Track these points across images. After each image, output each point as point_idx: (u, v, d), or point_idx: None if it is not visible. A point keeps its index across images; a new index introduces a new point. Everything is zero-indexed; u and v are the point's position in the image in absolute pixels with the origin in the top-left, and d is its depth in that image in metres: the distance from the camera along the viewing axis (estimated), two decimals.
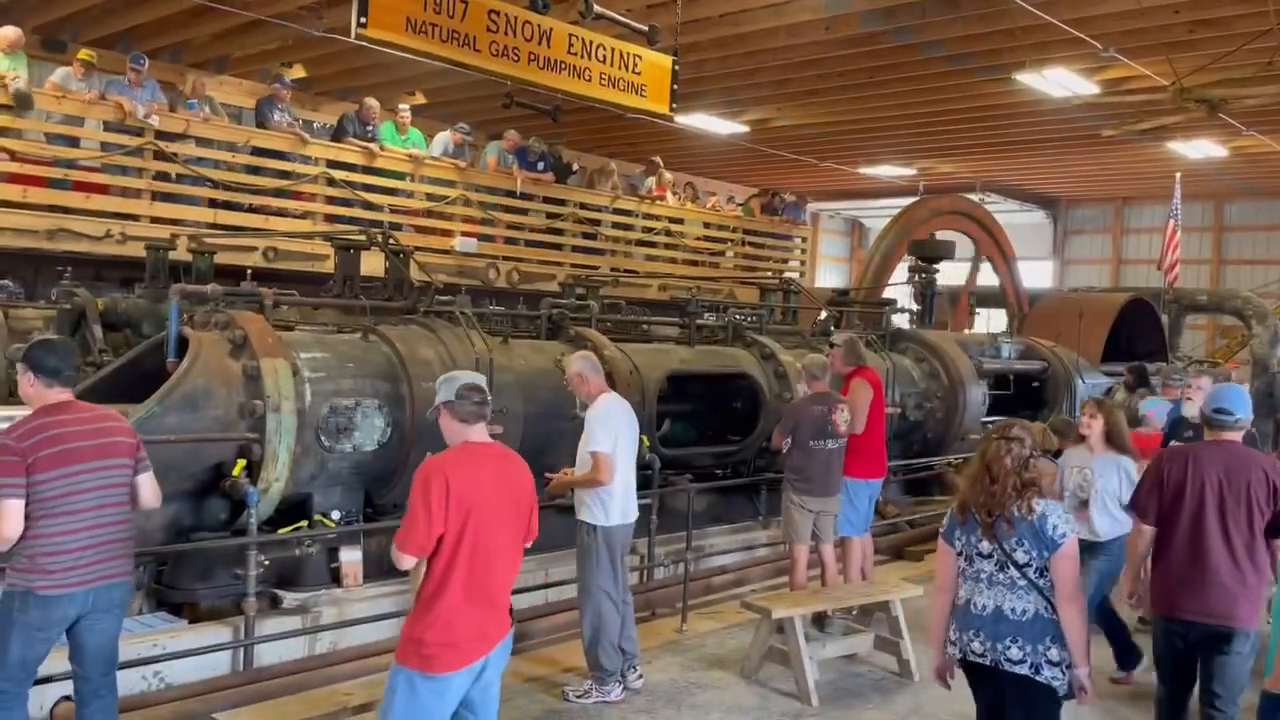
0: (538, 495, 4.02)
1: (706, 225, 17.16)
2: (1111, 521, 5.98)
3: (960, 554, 3.94)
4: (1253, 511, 4.39)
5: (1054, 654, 3.73)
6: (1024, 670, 3.72)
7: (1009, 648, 3.75)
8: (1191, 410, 6.56)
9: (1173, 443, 6.45)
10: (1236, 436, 4.59)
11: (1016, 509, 3.75)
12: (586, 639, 5.78)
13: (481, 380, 3.96)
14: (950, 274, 15.38)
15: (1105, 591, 6.21)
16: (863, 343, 8.31)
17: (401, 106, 13.16)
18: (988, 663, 3.80)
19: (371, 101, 12.60)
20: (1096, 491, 6.00)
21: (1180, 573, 4.48)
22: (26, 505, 3.83)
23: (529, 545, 3.98)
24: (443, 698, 3.60)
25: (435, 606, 3.61)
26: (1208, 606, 4.40)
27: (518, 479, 3.87)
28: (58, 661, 4.26)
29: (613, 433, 5.69)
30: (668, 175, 16.85)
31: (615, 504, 5.74)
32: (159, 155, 10.69)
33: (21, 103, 9.82)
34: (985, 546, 3.83)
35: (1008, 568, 3.78)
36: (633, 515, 5.88)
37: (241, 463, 5.90)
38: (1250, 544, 4.40)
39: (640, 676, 5.89)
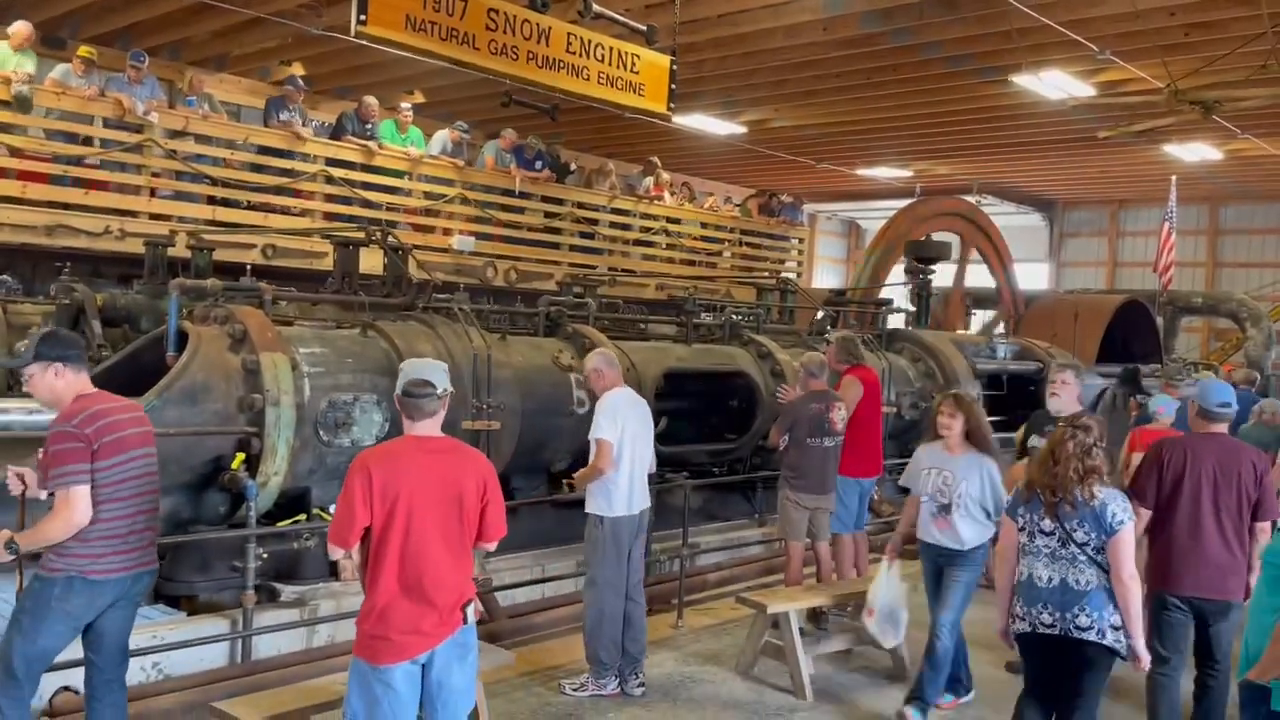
0: (498, 490, 3.86)
1: (704, 225, 17.21)
2: (977, 528, 5.47)
3: (1022, 529, 4.31)
4: (1241, 497, 4.91)
5: (1116, 620, 4.12)
6: (1092, 636, 4.10)
7: (1077, 615, 4.11)
8: (1057, 405, 6.19)
9: (1034, 437, 6.29)
10: (1225, 428, 5.15)
11: (1080, 493, 4.12)
12: (587, 630, 5.82)
13: (434, 372, 3.84)
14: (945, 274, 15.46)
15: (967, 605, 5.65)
16: (859, 341, 8.36)
17: (404, 105, 13.19)
18: (1057, 633, 4.15)
19: (371, 100, 12.63)
20: (960, 496, 5.42)
21: (1179, 553, 4.93)
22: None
23: (490, 545, 3.88)
24: (390, 689, 3.58)
25: (371, 598, 3.64)
26: (1205, 583, 4.89)
27: (460, 474, 3.73)
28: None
29: (618, 423, 5.75)
30: (665, 175, 16.91)
31: (620, 494, 5.78)
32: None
33: (21, 105, 9.88)
34: (1048, 524, 4.20)
35: (1069, 545, 4.16)
36: (639, 506, 5.90)
37: (240, 456, 5.94)
38: (1239, 526, 4.92)
39: (641, 684, 5.88)
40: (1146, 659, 4.24)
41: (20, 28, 10.09)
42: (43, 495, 4.02)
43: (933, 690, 5.51)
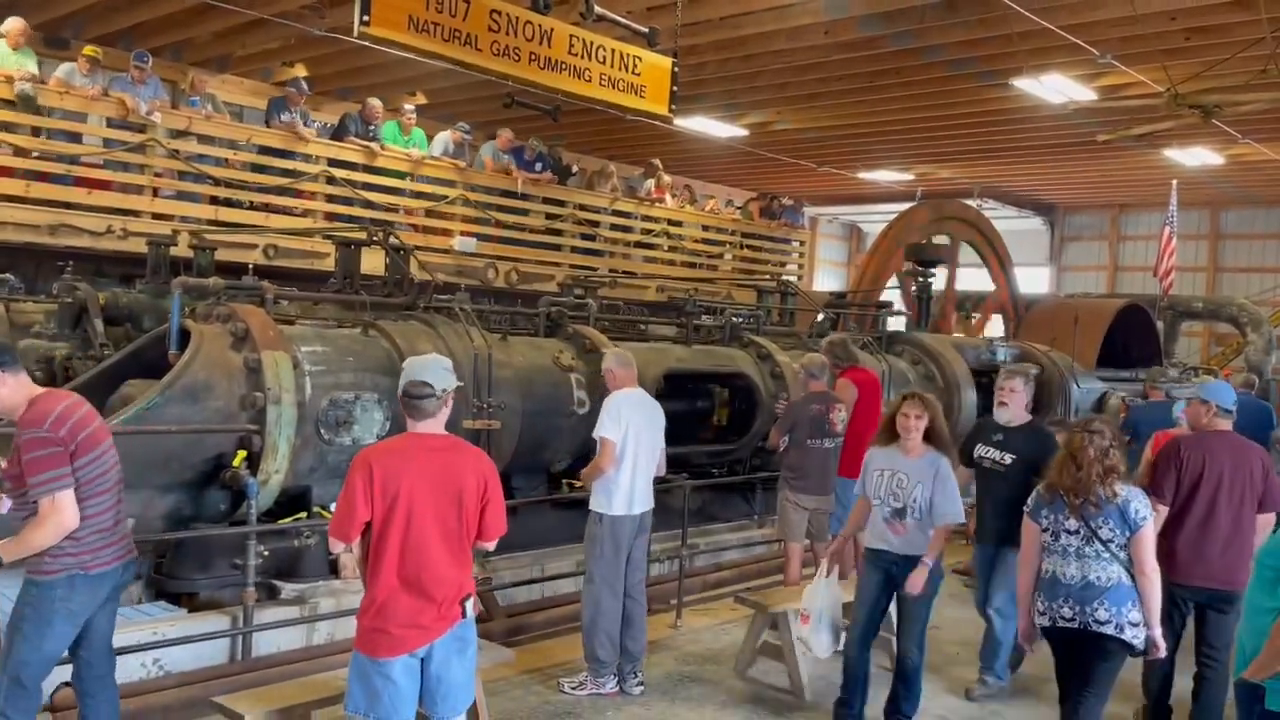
0: (499, 489, 3.87)
1: (705, 228, 17.25)
2: (929, 534, 5.27)
3: (1046, 530, 4.51)
4: (1249, 491, 5.28)
5: (1134, 616, 4.33)
6: (1110, 630, 4.31)
7: (1096, 610, 4.32)
8: (1006, 415, 6.01)
9: (979, 446, 6.07)
10: (1230, 425, 5.50)
11: (1103, 491, 4.35)
12: (584, 628, 5.84)
13: (434, 372, 3.83)
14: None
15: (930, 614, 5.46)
16: (858, 344, 8.38)
17: (407, 107, 13.24)
18: (1076, 625, 4.36)
19: (374, 101, 12.68)
20: (915, 501, 5.22)
21: (1193, 545, 5.23)
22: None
23: (489, 544, 3.89)
24: (390, 682, 3.63)
25: (371, 592, 3.68)
26: (1215, 573, 5.21)
27: (461, 472, 3.75)
28: None
29: (621, 423, 5.75)
30: (666, 178, 16.94)
31: (620, 494, 5.79)
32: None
33: (26, 104, 9.91)
34: (1072, 524, 4.42)
35: (1093, 542, 4.37)
36: (641, 508, 5.88)
37: (242, 454, 5.94)
38: (1248, 519, 5.26)
39: (641, 683, 5.90)
40: (1163, 648, 4.46)
41: (14, 25, 10.07)
42: (4, 508, 3.94)
43: (910, 705, 5.45)
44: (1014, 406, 6.03)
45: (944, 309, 14.44)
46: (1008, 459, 5.92)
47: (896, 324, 12.98)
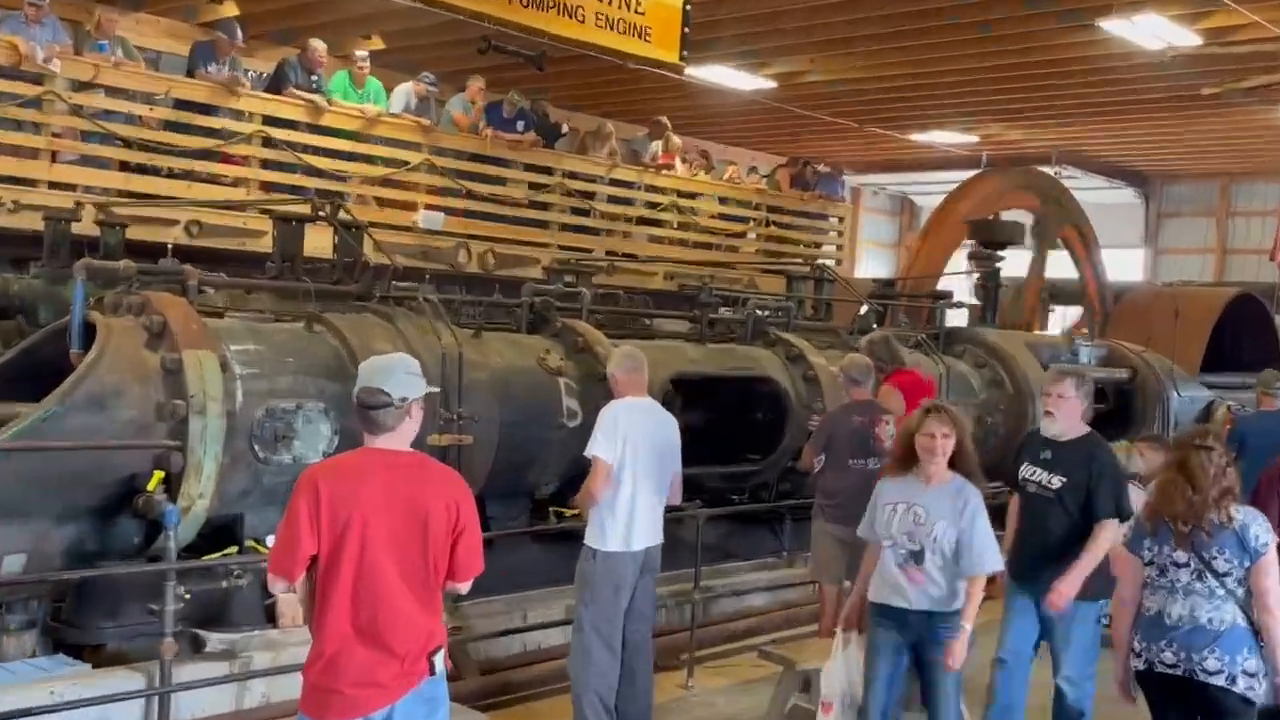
0: (474, 518, 3.85)
1: (723, 201, 17.27)
2: (956, 583, 5.13)
3: (1150, 564, 4.57)
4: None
5: (1251, 665, 4.36)
6: (1220, 681, 4.34)
7: (1205, 658, 4.36)
8: (1056, 428, 5.75)
9: (1025, 465, 5.86)
10: None
11: (1216, 517, 4.41)
12: (572, 686, 5.86)
13: (393, 377, 3.80)
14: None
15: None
16: (909, 343, 8.40)
17: (359, 53, 13.25)
18: (1180, 673, 4.41)
19: (318, 44, 12.67)
20: (935, 541, 5.05)
21: None
22: None
23: (463, 585, 3.89)
24: None
25: (318, 643, 3.68)
26: None
27: (426, 497, 3.73)
28: None
29: (618, 439, 5.75)
30: (676, 140, 16.96)
31: (617, 526, 5.78)
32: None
33: None
34: (1180, 556, 4.47)
35: (1205, 577, 4.42)
36: (643, 543, 5.86)
37: (158, 475, 5.97)
38: None
39: None
40: None
41: None
42: None
43: None
44: (1064, 416, 5.73)
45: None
46: (1056, 482, 5.66)
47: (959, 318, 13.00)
